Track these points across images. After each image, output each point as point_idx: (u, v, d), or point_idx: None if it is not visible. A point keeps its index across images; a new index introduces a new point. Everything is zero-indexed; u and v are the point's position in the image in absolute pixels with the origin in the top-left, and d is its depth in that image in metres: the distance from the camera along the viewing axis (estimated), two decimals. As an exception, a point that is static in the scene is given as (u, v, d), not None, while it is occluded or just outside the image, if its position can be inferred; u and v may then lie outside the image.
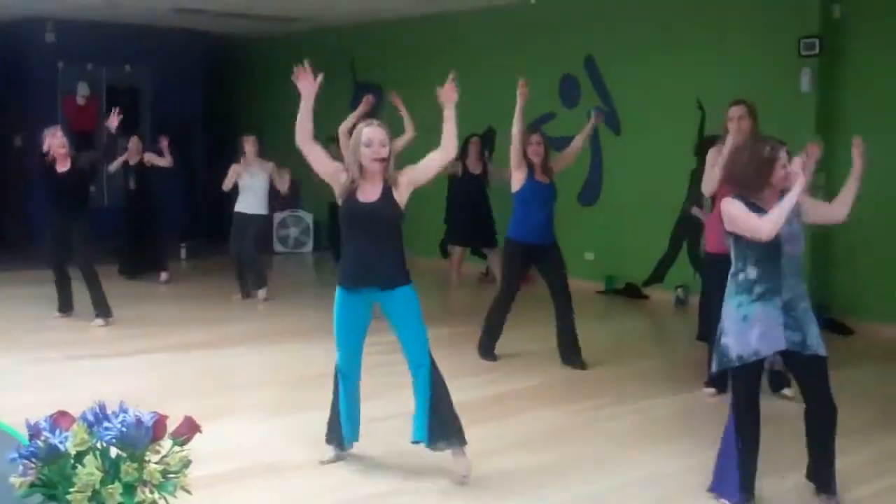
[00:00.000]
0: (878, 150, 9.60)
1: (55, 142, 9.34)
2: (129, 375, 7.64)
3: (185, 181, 15.86)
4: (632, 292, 11.52)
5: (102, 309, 9.51)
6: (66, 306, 9.77)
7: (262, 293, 10.97)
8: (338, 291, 5.39)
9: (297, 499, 5.19)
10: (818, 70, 9.79)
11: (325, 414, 5.68)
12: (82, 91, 15.54)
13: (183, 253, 14.35)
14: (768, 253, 4.73)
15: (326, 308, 5.69)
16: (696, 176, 8.53)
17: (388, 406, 6.43)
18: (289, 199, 13.96)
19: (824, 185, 9.88)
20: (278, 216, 15.03)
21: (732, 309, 4.82)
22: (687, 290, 10.92)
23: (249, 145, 11.09)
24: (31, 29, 14.85)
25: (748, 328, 4.74)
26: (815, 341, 4.80)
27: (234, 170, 11.02)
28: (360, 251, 5.28)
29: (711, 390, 7.06)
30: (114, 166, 12.15)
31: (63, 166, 9.36)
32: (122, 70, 15.90)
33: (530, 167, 7.95)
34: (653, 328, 10.56)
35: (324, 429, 5.67)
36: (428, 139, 14.18)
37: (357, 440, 5.67)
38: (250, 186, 10.98)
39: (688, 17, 11.06)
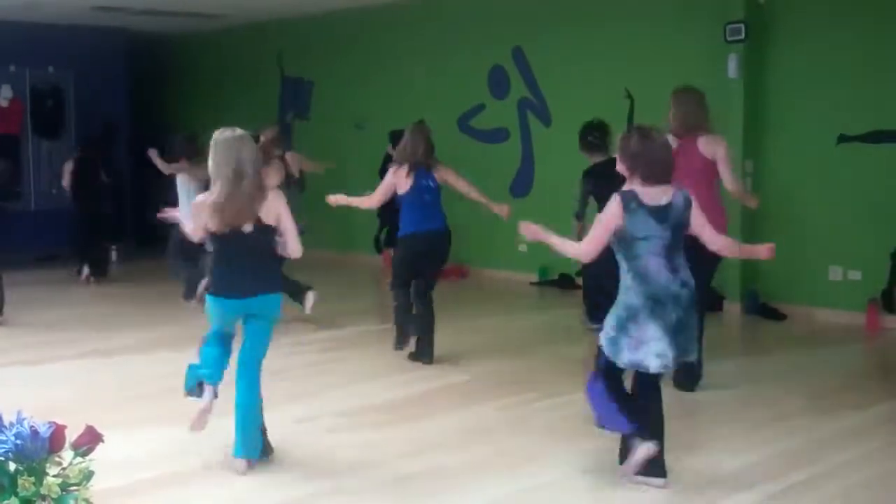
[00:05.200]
0: (806, 135, 9.72)
1: None
2: (53, 383, 7.41)
3: (109, 182, 15.44)
4: (565, 283, 11.47)
5: None
6: None
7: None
8: None
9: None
10: (744, 56, 9.81)
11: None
12: (5, 93, 15.14)
13: (113, 255, 13.97)
14: None
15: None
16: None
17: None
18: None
19: (752, 171, 9.92)
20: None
21: None
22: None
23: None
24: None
25: None
26: None
27: None
28: None
29: None
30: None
31: None
32: (46, 71, 15.53)
33: None
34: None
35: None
36: (357, 136, 14.06)
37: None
38: None
39: (614, 5, 11.05)
